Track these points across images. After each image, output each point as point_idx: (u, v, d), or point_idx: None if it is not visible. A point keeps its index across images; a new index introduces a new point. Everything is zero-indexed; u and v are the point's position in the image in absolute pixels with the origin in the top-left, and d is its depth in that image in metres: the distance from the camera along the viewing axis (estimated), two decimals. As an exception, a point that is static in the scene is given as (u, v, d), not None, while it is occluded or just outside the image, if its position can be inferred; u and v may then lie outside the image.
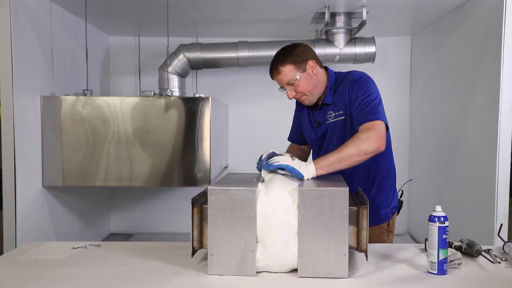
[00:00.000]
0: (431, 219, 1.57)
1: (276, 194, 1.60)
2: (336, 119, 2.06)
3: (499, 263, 1.70)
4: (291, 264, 1.57)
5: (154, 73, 4.07)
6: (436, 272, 1.56)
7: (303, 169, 1.79)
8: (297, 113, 2.32)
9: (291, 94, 2.05)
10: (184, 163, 3.23)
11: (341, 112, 2.04)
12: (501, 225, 2.20)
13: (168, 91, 3.49)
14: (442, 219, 1.55)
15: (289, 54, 2.01)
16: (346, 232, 1.52)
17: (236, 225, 1.55)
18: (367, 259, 1.60)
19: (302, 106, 2.22)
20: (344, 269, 1.53)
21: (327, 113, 2.09)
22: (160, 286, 1.52)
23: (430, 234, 1.57)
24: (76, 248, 1.93)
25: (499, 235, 1.92)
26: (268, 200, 1.59)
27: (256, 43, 4.00)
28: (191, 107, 3.24)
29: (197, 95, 3.32)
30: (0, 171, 2.90)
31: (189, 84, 4.41)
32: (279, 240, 1.55)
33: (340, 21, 3.81)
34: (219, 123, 3.88)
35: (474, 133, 3.23)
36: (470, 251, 1.76)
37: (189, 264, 1.68)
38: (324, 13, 3.58)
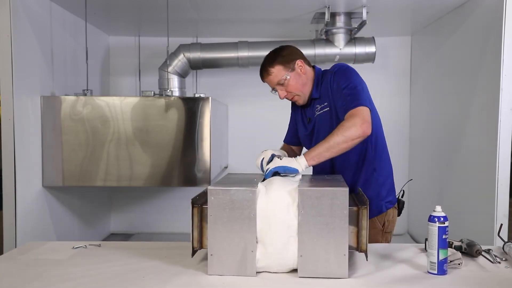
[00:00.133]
0: (431, 219, 1.57)
1: (276, 194, 1.60)
2: (321, 111, 2.10)
3: (499, 263, 1.70)
4: (291, 264, 1.57)
5: (154, 73, 4.07)
6: (436, 272, 1.56)
7: (293, 163, 1.84)
8: (292, 115, 2.35)
9: (282, 94, 2.11)
10: (184, 163, 3.23)
11: (325, 104, 2.08)
12: (501, 225, 2.20)
13: (168, 91, 3.49)
14: (442, 219, 1.55)
15: (278, 55, 2.08)
16: (346, 232, 1.52)
17: (236, 225, 1.55)
18: (367, 259, 1.60)
19: (296, 107, 2.27)
20: (344, 269, 1.53)
21: (315, 107, 2.14)
22: (160, 286, 1.52)
23: (430, 234, 1.57)
24: (76, 248, 1.93)
25: (499, 235, 1.92)
26: (268, 200, 1.59)
27: (256, 43, 4.00)
28: (191, 107, 3.24)
29: (197, 95, 3.32)
30: (0, 171, 2.90)
31: (189, 84, 4.41)
32: (279, 240, 1.55)
33: (340, 21, 3.81)
34: (219, 123, 3.87)
35: (474, 133, 3.23)
36: (470, 251, 1.76)
37: (189, 264, 1.68)
38: (324, 13, 3.58)
